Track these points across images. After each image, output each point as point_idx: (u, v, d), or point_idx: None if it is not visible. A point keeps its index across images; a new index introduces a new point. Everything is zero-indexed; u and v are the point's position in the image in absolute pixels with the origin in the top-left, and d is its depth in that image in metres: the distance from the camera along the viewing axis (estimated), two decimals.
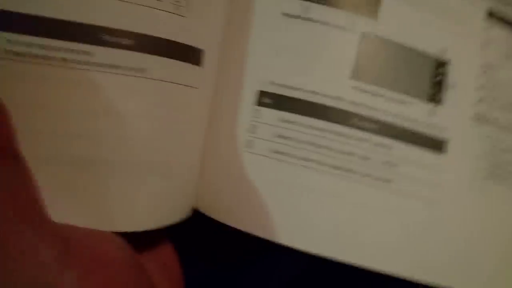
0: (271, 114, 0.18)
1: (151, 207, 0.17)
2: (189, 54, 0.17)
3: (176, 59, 0.16)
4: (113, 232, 0.15)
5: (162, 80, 0.16)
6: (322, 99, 0.18)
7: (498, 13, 0.20)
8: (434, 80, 0.18)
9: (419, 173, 0.18)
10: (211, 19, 0.18)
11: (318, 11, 0.18)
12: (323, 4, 0.18)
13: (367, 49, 0.18)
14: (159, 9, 0.16)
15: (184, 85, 0.17)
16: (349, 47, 0.18)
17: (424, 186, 0.18)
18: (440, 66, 0.18)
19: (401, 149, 0.18)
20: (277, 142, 0.18)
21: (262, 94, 0.18)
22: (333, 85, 0.18)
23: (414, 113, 0.18)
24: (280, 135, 0.18)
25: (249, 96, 0.18)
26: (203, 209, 0.19)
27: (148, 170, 0.16)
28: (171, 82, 0.16)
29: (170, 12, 0.16)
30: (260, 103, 0.18)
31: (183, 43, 0.17)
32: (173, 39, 0.16)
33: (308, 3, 0.18)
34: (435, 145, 0.18)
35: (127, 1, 0.15)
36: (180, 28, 0.16)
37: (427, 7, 0.18)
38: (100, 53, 0.15)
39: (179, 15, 0.16)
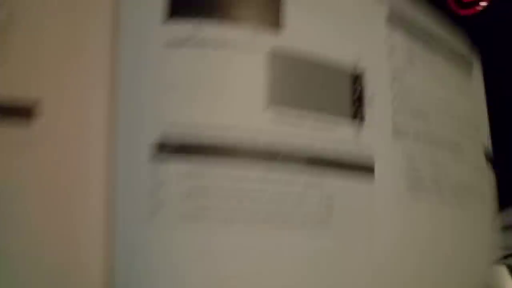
0: (176, 168, 0.14)
1: None
2: (9, 111, 0.14)
3: None
4: None
5: None
6: (237, 139, 0.14)
7: (398, 17, 0.19)
8: (354, 97, 0.16)
9: (353, 205, 0.16)
10: (41, 61, 0.14)
11: (210, 30, 0.15)
12: (215, 21, 0.15)
13: (277, 69, 0.15)
14: None
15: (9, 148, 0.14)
16: (256, 70, 0.15)
17: (359, 218, 0.16)
18: (356, 80, 0.16)
19: (333, 182, 0.15)
20: (189, 203, 0.14)
21: (161, 144, 0.14)
22: (246, 119, 0.14)
23: (340, 134, 0.16)
24: (191, 193, 0.14)
25: (144, 148, 0.14)
26: None
27: None
28: None
29: None
30: (160, 156, 0.14)
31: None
32: None
33: (196, 22, 0.15)
34: (364, 169, 0.16)
35: None
36: None
37: (332, 14, 0.17)
38: None
39: None
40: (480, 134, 0.22)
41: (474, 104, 0.22)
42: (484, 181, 0.22)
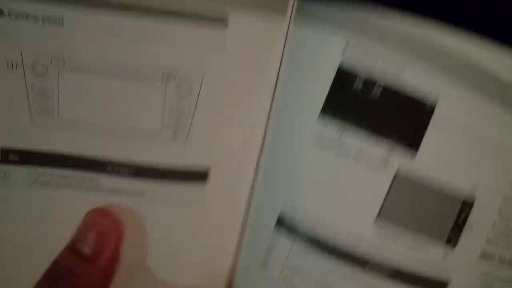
0: (286, 244, 0.18)
1: None
2: (189, 175, 0.18)
3: (175, 181, 0.18)
4: None
5: (160, 202, 0.19)
6: (343, 237, 0.17)
7: None
8: (456, 223, 0.18)
9: None
10: (219, 141, 0.19)
11: (352, 140, 0.17)
12: (359, 131, 0.17)
13: (398, 190, 0.17)
14: (158, 141, 0.18)
15: (186, 203, 0.19)
16: (380, 187, 0.17)
17: None
18: (466, 207, 0.18)
19: None
20: (286, 269, 0.18)
21: (281, 220, 0.18)
22: (357, 223, 0.17)
23: (429, 258, 0.18)
24: (290, 263, 0.18)
25: (270, 219, 0.18)
26: None
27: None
28: (170, 203, 0.19)
29: (168, 142, 0.18)
30: (278, 229, 0.18)
31: (182, 168, 0.18)
32: (171, 165, 0.18)
33: (342, 127, 0.17)
34: (438, 286, 0.18)
35: (128, 137, 0.17)
36: (178, 154, 0.18)
37: (467, 143, 0.17)
38: (105, 180, 0.18)
39: (178, 143, 0.18)
40: None
41: None
42: None
